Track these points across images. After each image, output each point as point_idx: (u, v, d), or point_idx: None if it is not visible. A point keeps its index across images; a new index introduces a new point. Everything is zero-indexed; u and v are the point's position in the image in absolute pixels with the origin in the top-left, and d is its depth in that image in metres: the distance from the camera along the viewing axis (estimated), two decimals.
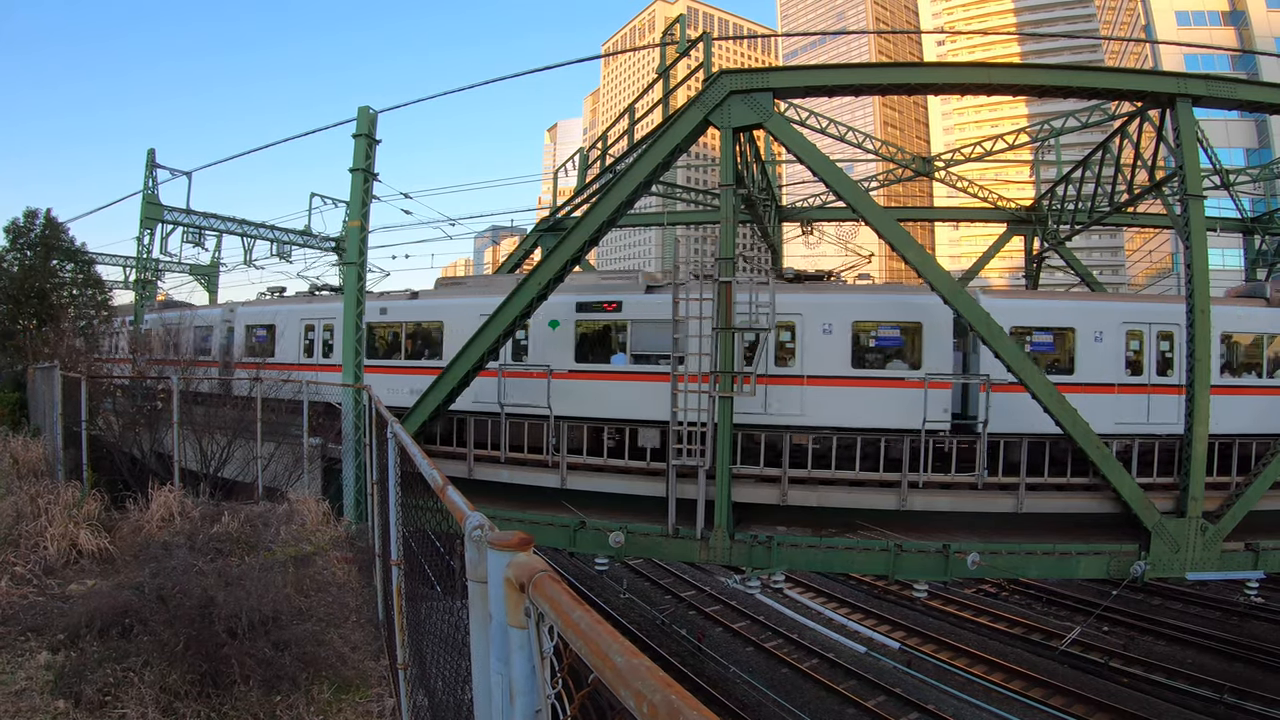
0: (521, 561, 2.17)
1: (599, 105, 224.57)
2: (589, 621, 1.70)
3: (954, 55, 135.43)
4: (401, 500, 6.54)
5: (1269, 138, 68.26)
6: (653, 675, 1.42)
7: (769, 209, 29.52)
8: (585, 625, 1.69)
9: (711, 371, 17.61)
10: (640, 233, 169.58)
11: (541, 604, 1.96)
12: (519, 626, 2.17)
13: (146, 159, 34.11)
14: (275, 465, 18.62)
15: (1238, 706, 21.17)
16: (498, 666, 2.38)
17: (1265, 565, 17.95)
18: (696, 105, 17.79)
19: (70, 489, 14.02)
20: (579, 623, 1.72)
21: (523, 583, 2.08)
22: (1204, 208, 18.03)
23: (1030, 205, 32.05)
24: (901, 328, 20.49)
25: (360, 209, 20.96)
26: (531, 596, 2.03)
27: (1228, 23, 77.02)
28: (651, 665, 1.47)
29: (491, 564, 2.40)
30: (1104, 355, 20.24)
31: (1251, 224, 32.37)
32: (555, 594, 1.90)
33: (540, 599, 1.96)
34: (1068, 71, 18.81)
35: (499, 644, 2.35)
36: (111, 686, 7.68)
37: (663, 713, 1.30)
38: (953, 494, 19.04)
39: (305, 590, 10.53)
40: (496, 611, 2.35)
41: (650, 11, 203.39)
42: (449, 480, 3.87)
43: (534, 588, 2.00)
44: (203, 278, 45.08)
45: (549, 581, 1.97)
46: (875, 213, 18.14)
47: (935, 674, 23.57)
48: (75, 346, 23.55)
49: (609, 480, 20.28)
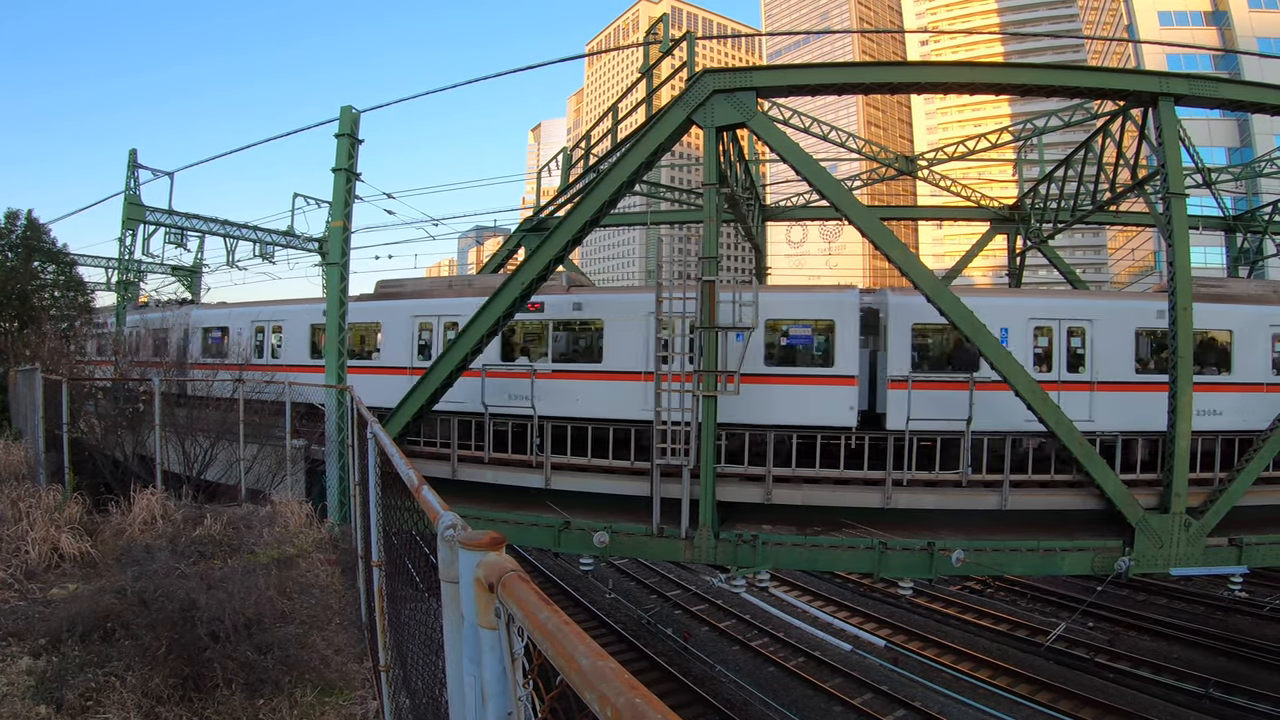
0: (491, 561, 2.15)
1: (583, 105, 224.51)
2: (556, 622, 1.68)
3: (938, 55, 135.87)
4: (383, 501, 6.51)
5: (1251, 137, 68.61)
6: (618, 677, 1.40)
7: (753, 208, 29.54)
8: (552, 626, 1.67)
9: (695, 370, 17.62)
10: (624, 232, 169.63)
11: (510, 604, 1.94)
12: (489, 627, 2.14)
13: (128, 159, 33.88)
14: (259, 467, 18.53)
15: (1223, 700, 21.25)
16: (470, 668, 2.35)
17: (1249, 560, 18.09)
18: (680, 104, 17.79)
19: (52, 492, 13.93)
20: (546, 623, 1.70)
21: (492, 583, 2.05)
22: (1186, 206, 18.10)
23: (1013, 204, 32.18)
24: (814, 326, 20.70)
25: (343, 209, 20.85)
26: (500, 597, 2.00)
27: (1210, 23, 77.42)
28: (617, 667, 1.45)
29: (463, 564, 2.38)
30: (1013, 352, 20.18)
31: (1233, 222, 32.57)
32: (523, 594, 1.87)
33: (508, 599, 1.94)
34: (1051, 71, 18.92)
35: (471, 645, 2.32)
36: (93, 691, 7.63)
37: (626, 716, 1.28)
38: (937, 491, 19.11)
39: (288, 593, 10.47)
40: (468, 612, 2.33)
41: (634, 11, 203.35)
42: (425, 480, 3.85)
43: (503, 588, 1.98)
44: (185, 279, 44.80)
45: (517, 581, 1.95)
46: (858, 211, 18.18)
47: (922, 671, 23.61)
48: (57, 348, 23.36)
49: (594, 480, 20.27)
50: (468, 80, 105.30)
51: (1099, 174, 23.31)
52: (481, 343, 19.17)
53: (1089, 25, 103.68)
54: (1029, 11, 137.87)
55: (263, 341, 29.26)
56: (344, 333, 20.68)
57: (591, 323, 22.21)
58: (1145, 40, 69.45)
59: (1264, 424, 18.30)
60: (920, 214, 52.93)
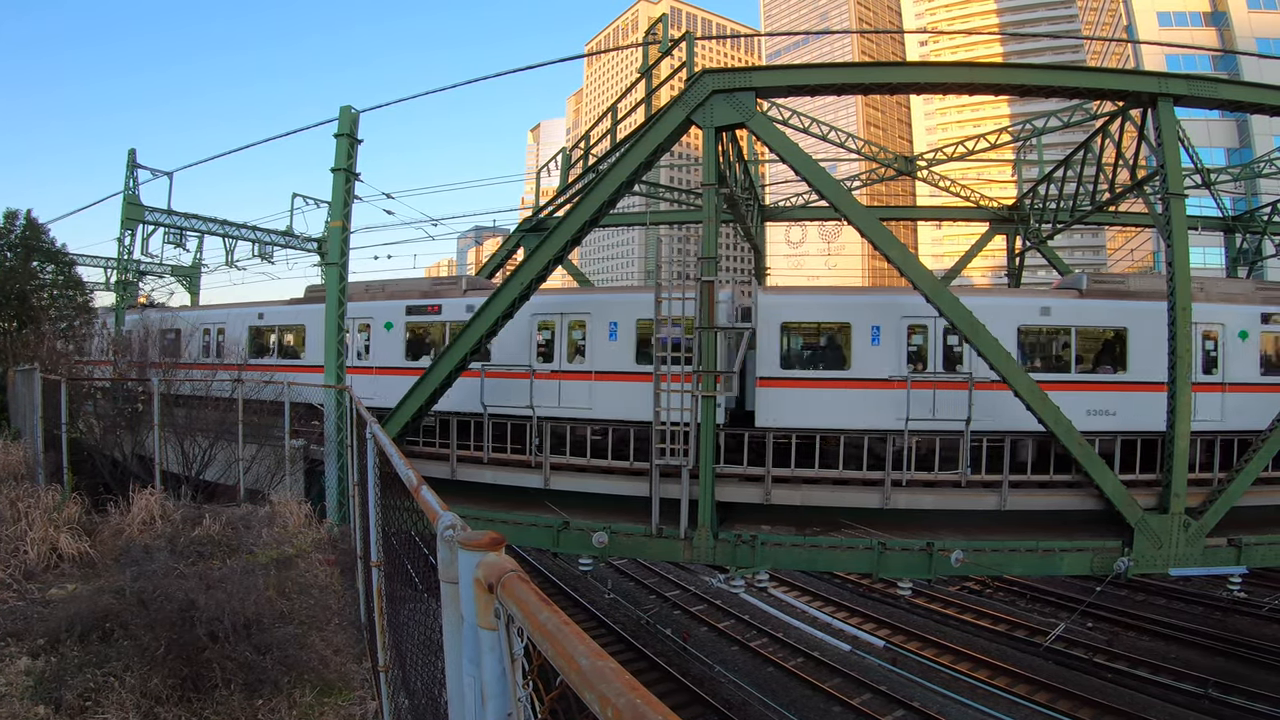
0: (491, 562, 2.14)
1: (582, 105, 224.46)
2: (556, 623, 1.67)
3: (937, 55, 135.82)
4: (382, 501, 6.50)
5: (1250, 137, 68.60)
6: (618, 678, 1.40)
7: (752, 208, 29.52)
8: (552, 626, 1.67)
9: (694, 370, 17.61)
10: (623, 232, 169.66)
11: (509, 605, 1.93)
12: (489, 628, 2.14)
13: (127, 159, 33.88)
14: (257, 467, 18.53)
15: (1222, 701, 21.26)
16: (469, 669, 2.35)
17: (1248, 560, 18.07)
18: (679, 105, 17.79)
19: (51, 492, 13.93)
20: (546, 624, 1.69)
21: (491, 583, 2.05)
22: (1185, 206, 18.07)
23: (1012, 204, 32.15)
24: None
25: (342, 209, 20.85)
26: (500, 597, 2.00)
27: (1209, 23, 77.41)
28: (617, 668, 1.45)
29: (462, 564, 2.37)
30: (884, 350, 20.16)
31: (1232, 222, 32.53)
32: (523, 594, 1.87)
33: (508, 599, 1.94)
34: (1050, 71, 18.89)
35: (470, 645, 2.32)
36: (92, 691, 7.64)
37: (627, 717, 1.28)
38: (936, 492, 19.10)
39: (287, 593, 10.47)
40: (468, 612, 2.32)
41: (633, 11, 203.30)
42: (424, 480, 3.85)
43: (502, 588, 1.98)
44: (184, 279, 44.78)
45: (517, 582, 1.94)
46: (857, 212, 18.17)
47: (920, 671, 23.63)
48: (56, 348, 23.38)
49: (593, 480, 20.28)
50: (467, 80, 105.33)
51: (1098, 174, 23.29)
52: (481, 342, 19.18)
53: (1088, 26, 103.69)
54: (1028, 12, 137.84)
55: (209, 343, 30.98)
56: (342, 333, 20.67)
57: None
58: (1144, 41, 69.46)
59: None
60: (919, 214, 52.90)
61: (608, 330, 21.35)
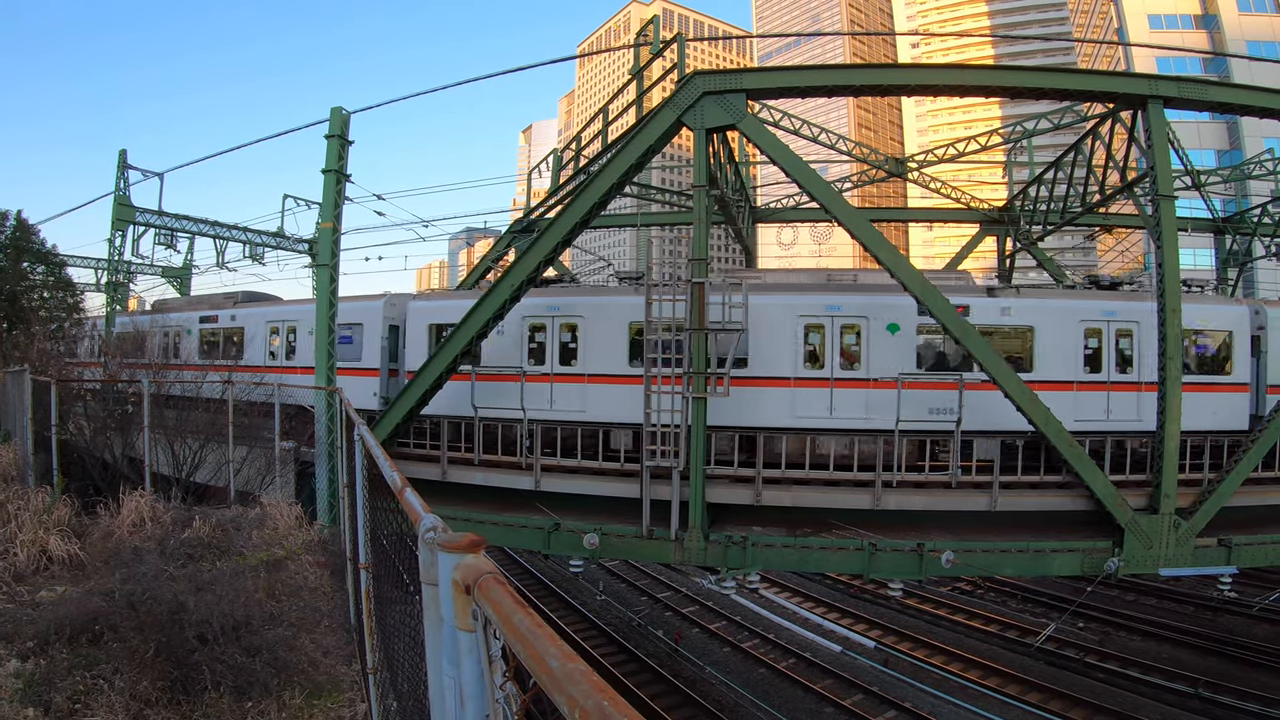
0: (469, 564, 2.15)
1: (574, 106, 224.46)
2: (529, 625, 1.68)
3: (928, 57, 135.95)
4: (370, 503, 6.50)
5: (1240, 139, 68.72)
6: (588, 680, 1.41)
7: (743, 210, 29.59)
8: (525, 629, 1.68)
9: (685, 372, 17.61)
10: (615, 234, 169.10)
11: (485, 606, 1.94)
12: (467, 629, 2.15)
13: (118, 160, 33.85)
14: (248, 469, 18.49)
15: (1212, 700, 21.32)
16: (449, 670, 2.36)
17: (1238, 560, 18.13)
18: (670, 106, 17.80)
19: (40, 494, 13.88)
20: (519, 626, 1.70)
21: (469, 585, 2.06)
22: (1175, 208, 18.15)
23: (1003, 206, 32.28)
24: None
25: (333, 210, 20.85)
26: (476, 599, 2.01)
27: (1199, 26, 77.53)
28: (587, 670, 1.46)
29: (442, 566, 2.38)
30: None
31: (1222, 224, 32.63)
32: (498, 596, 1.88)
33: (483, 601, 1.95)
34: (1041, 73, 18.97)
35: (449, 647, 2.33)
36: (81, 694, 7.63)
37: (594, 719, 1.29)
38: (927, 493, 19.11)
39: (277, 595, 10.47)
40: (447, 614, 2.33)
41: (625, 13, 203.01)
42: (409, 482, 3.85)
43: (479, 590, 1.99)
44: (175, 280, 44.65)
45: (493, 583, 1.95)
46: (848, 213, 18.19)
47: (912, 672, 23.66)
48: (46, 349, 23.32)
49: (584, 482, 20.25)
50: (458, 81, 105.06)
51: (1088, 176, 23.39)
52: (471, 344, 19.18)
53: (1079, 28, 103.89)
54: (1019, 14, 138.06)
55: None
56: (332, 334, 20.67)
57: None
58: (1135, 43, 69.68)
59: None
60: (910, 216, 53.27)
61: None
